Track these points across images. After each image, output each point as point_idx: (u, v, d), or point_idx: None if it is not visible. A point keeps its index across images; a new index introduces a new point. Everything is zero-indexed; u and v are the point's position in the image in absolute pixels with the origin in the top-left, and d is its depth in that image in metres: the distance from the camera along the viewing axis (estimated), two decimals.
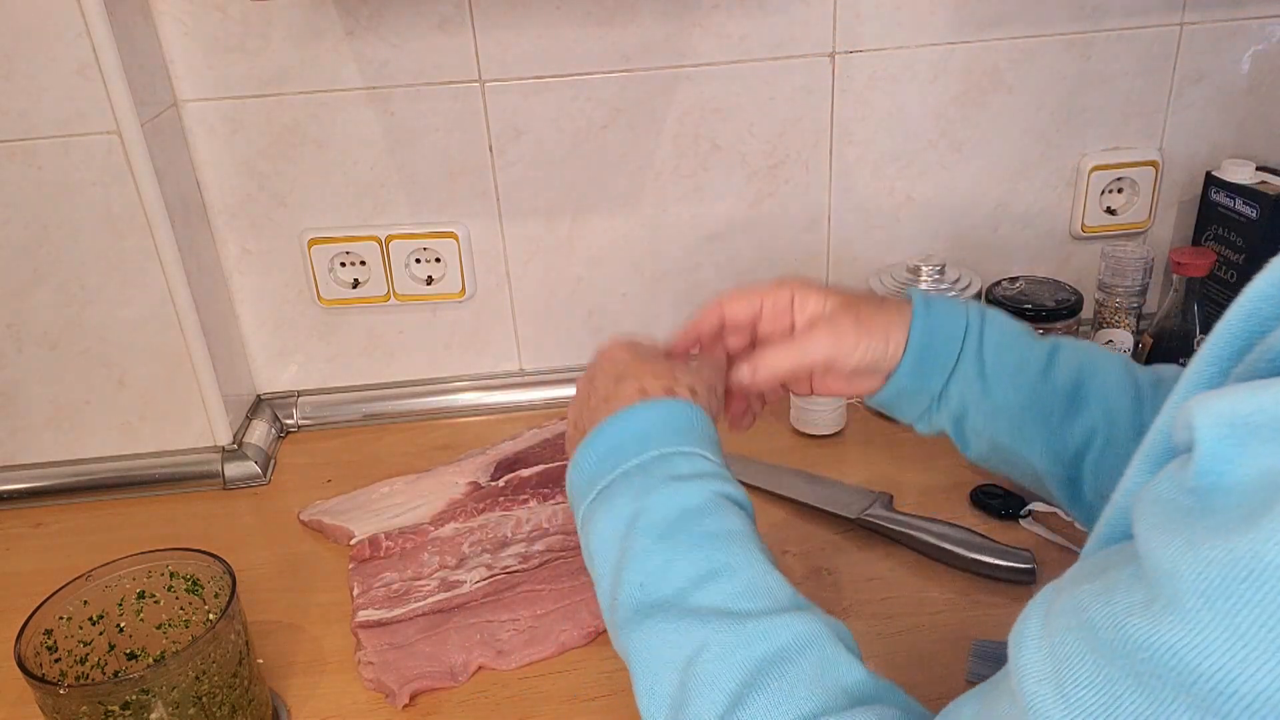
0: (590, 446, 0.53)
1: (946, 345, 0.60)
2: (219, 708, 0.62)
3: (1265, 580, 0.26)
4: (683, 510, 0.48)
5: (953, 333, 0.60)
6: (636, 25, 0.91)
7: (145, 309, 0.89)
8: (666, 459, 0.51)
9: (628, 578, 0.47)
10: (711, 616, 0.44)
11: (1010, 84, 0.96)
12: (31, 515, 0.93)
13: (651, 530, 0.47)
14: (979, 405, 0.61)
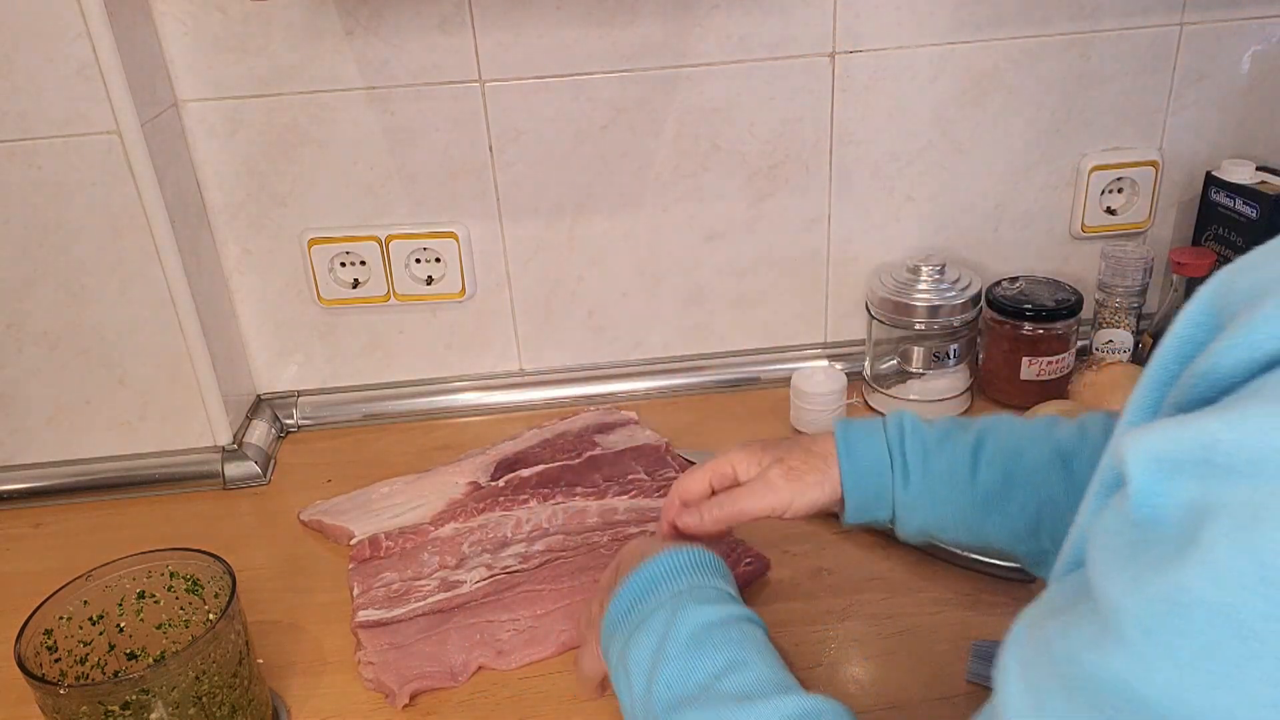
0: (623, 594, 0.58)
1: (877, 481, 0.65)
2: (219, 708, 0.62)
3: (1194, 612, 0.27)
4: (708, 623, 0.54)
5: (878, 466, 0.65)
6: (636, 25, 0.91)
7: (145, 309, 0.89)
8: (692, 590, 0.57)
9: (660, 679, 0.52)
10: (732, 700, 0.49)
11: (1010, 84, 0.96)
12: (31, 515, 0.93)
13: (680, 639, 0.53)
14: (930, 515, 0.65)
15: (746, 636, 0.54)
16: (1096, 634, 0.30)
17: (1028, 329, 0.94)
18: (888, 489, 0.65)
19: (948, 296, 0.93)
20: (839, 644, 0.72)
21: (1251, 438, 0.27)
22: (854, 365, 1.03)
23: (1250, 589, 0.27)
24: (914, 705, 0.66)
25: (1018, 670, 0.34)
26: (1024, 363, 0.95)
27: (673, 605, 0.55)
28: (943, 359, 0.96)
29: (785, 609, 0.75)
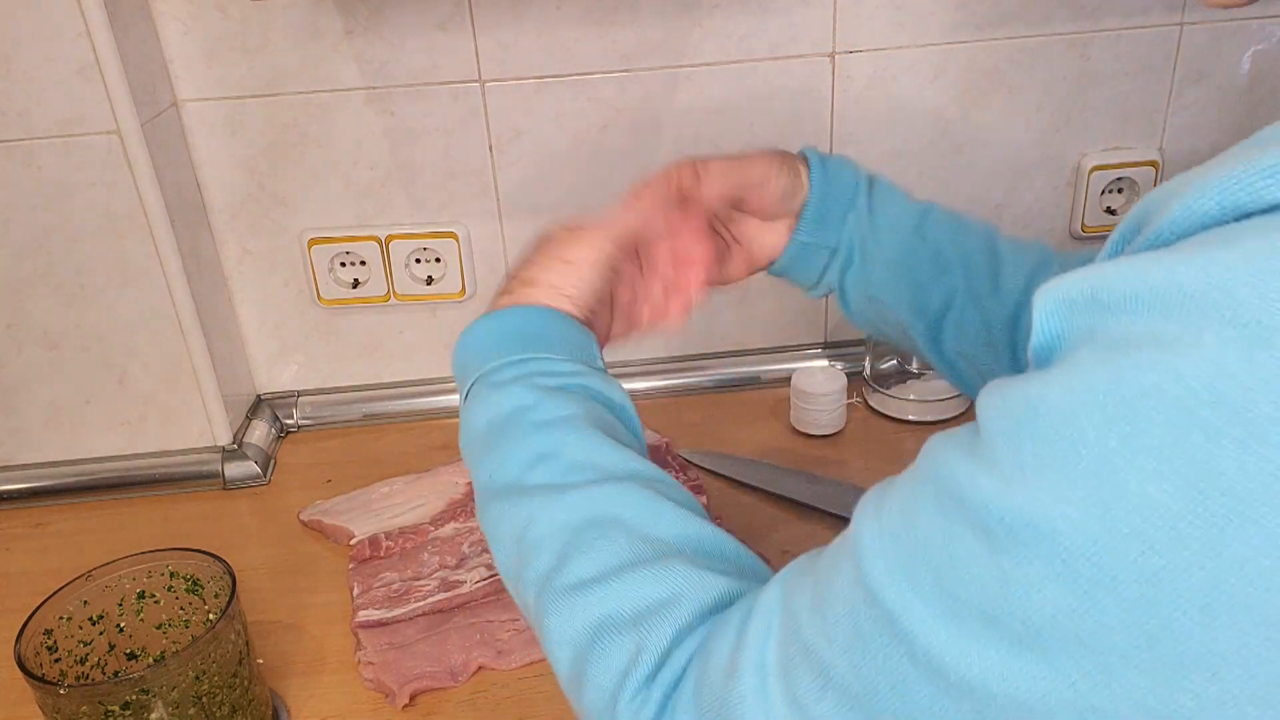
0: (469, 335, 0.62)
1: (844, 190, 0.66)
2: (219, 708, 0.62)
3: (1043, 417, 0.30)
4: (515, 408, 0.54)
5: (848, 180, 0.67)
6: (636, 25, 0.91)
7: (145, 309, 0.89)
8: (519, 363, 0.58)
9: (480, 472, 0.54)
10: (538, 493, 0.49)
11: (1010, 84, 0.96)
12: (31, 515, 0.93)
13: (492, 429, 0.55)
14: (864, 254, 0.66)
15: (559, 416, 0.52)
16: (963, 445, 0.33)
17: None
18: (849, 200, 0.66)
19: None
20: None
21: (1131, 278, 0.29)
22: (854, 365, 1.03)
23: (1093, 401, 0.29)
24: None
25: (904, 482, 0.36)
26: None
27: (495, 383, 0.56)
28: None
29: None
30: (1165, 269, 0.29)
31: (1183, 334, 0.28)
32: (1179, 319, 0.28)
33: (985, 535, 0.31)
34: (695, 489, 0.87)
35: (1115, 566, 0.29)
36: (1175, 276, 0.28)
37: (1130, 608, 0.29)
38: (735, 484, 0.89)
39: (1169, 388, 0.28)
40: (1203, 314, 0.28)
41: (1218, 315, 0.27)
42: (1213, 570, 0.28)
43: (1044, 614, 0.30)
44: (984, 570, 0.31)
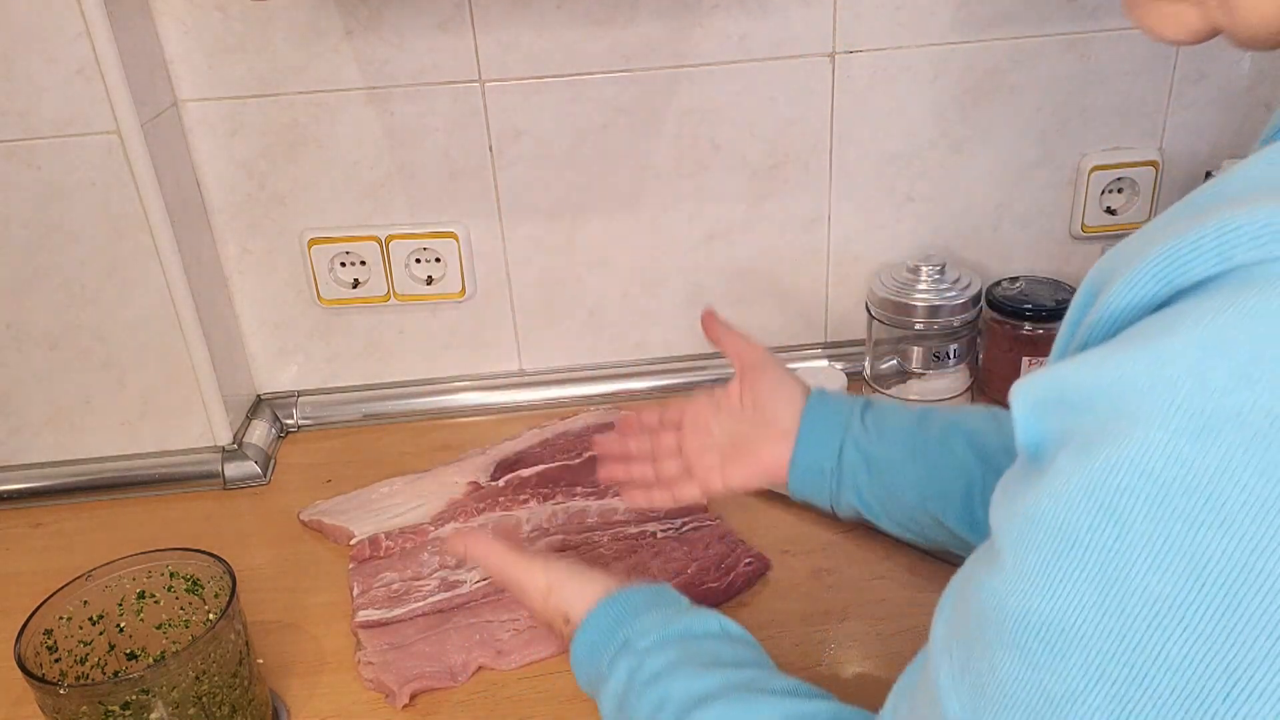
0: (576, 654, 0.60)
1: (838, 410, 0.70)
2: (219, 708, 0.62)
3: (1040, 526, 0.32)
4: (627, 677, 0.55)
5: (839, 406, 0.70)
6: (636, 25, 0.91)
7: (145, 309, 0.89)
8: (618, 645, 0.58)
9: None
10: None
11: (1010, 84, 0.96)
12: (31, 515, 0.93)
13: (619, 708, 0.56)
14: (871, 464, 0.68)
15: (655, 671, 0.54)
16: (987, 560, 0.35)
17: (1028, 329, 0.94)
18: (840, 423, 0.69)
19: (948, 296, 0.93)
20: (839, 644, 0.72)
21: (1089, 377, 0.31)
22: (854, 365, 1.03)
23: (1079, 504, 0.31)
24: None
25: (946, 608, 0.38)
26: (1024, 363, 0.95)
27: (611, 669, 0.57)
28: (943, 359, 0.96)
29: (785, 609, 0.75)
30: (1115, 366, 0.30)
31: (1140, 430, 0.29)
32: (1133, 415, 0.29)
33: (1022, 653, 0.32)
34: None
35: (1141, 664, 0.29)
36: (1125, 373, 0.30)
37: (1163, 703, 0.29)
38: None
39: (1141, 484, 0.29)
40: (1146, 409, 0.29)
41: (1163, 408, 0.29)
42: (1226, 657, 0.28)
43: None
44: (1029, 693, 0.32)
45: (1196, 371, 0.28)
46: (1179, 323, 0.29)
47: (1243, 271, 0.29)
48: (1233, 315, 0.28)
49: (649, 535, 0.82)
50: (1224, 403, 0.28)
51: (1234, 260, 0.29)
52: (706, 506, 0.86)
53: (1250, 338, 0.28)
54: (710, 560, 0.79)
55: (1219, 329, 0.28)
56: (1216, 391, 0.28)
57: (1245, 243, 0.29)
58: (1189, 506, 0.29)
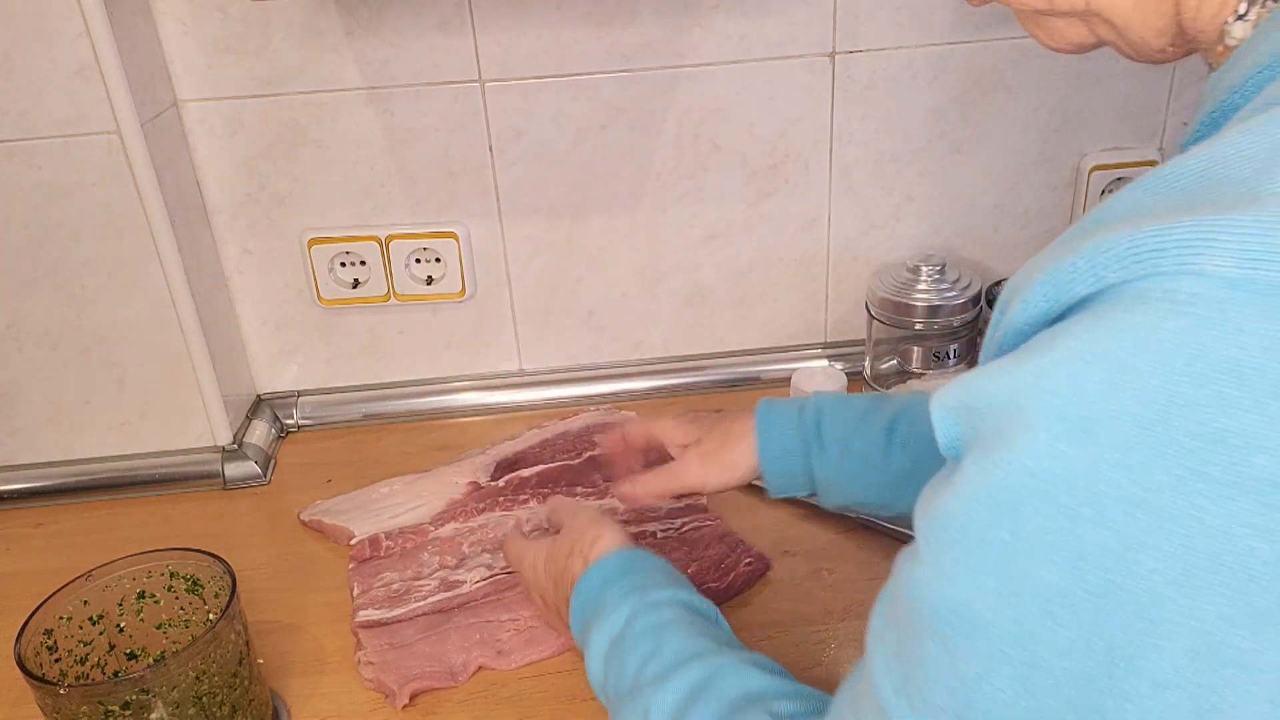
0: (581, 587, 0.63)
1: (793, 463, 0.71)
2: (219, 708, 0.62)
3: (950, 525, 0.35)
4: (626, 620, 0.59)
5: (795, 449, 0.71)
6: (636, 25, 0.91)
7: (145, 309, 0.89)
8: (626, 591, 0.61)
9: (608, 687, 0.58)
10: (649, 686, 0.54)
11: (1010, 84, 0.96)
12: (31, 515, 0.93)
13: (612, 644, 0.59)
14: (847, 493, 0.72)
15: (657, 622, 0.58)
16: (911, 556, 0.38)
17: None
18: (805, 470, 0.71)
19: (948, 296, 0.93)
20: (839, 644, 0.72)
21: (989, 386, 0.34)
22: (854, 365, 1.03)
23: (980, 503, 0.34)
24: None
25: (883, 602, 0.42)
26: None
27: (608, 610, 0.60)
28: (943, 359, 0.96)
29: (785, 609, 0.75)
30: (1009, 376, 0.33)
31: (1027, 434, 0.32)
32: (1022, 422, 0.33)
33: (939, 637, 0.36)
34: None
35: (1035, 647, 0.33)
36: (1015, 383, 0.33)
37: (1057, 684, 0.33)
38: None
39: (1029, 483, 0.32)
40: (1034, 414, 0.32)
41: (1046, 413, 0.32)
42: (1107, 640, 0.31)
43: (998, 703, 0.34)
44: (946, 673, 0.35)
45: (1073, 381, 0.32)
46: (1059, 338, 0.32)
47: (1113, 290, 0.32)
48: (1103, 331, 0.31)
49: (649, 535, 0.82)
50: (1096, 409, 0.31)
51: (1105, 280, 0.32)
52: (706, 507, 0.86)
53: (1117, 350, 0.31)
54: (710, 560, 0.79)
55: (1091, 343, 0.31)
56: (1090, 398, 0.31)
57: (1114, 264, 0.32)
58: (1069, 503, 0.31)
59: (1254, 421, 0.29)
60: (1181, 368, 0.30)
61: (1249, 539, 0.29)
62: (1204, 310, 0.30)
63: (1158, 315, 0.30)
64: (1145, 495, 0.30)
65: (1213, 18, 0.42)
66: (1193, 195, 0.32)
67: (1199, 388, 0.30)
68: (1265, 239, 0.29)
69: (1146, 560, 0.30)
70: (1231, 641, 0.30)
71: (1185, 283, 0.30)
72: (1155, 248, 0.31)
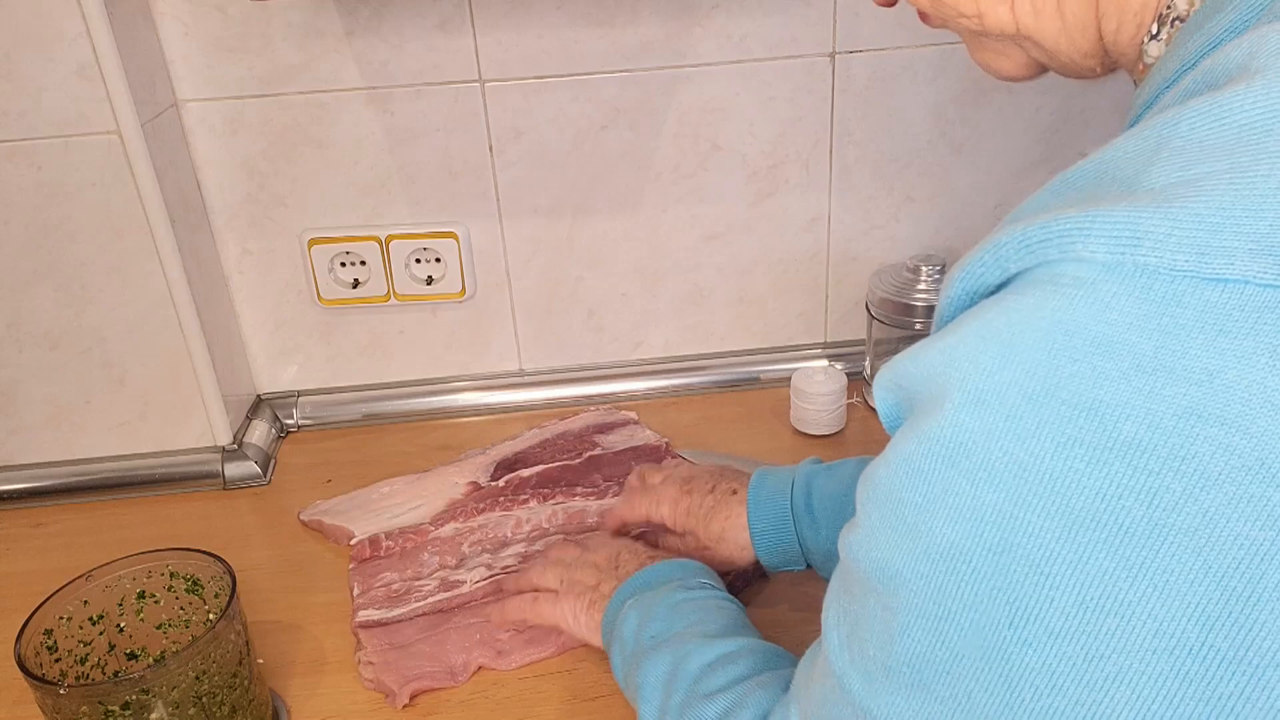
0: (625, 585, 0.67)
1: (786, 544, 0.72)
2: (219, 708, 0.62)
3: (877, 489, 0.39)
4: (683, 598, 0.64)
5: (785, 527, 0.72)
6: (636, 25, 0.91)
7: (145, 309, 0.89)
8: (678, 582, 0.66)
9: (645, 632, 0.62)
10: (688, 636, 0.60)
11: (1010, 84, 0.96)
12: (31, 515, 0.93)
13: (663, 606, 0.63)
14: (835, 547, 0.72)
15: (714, 605, 0.63)
16: (852, 523, 0.41)
17: None
18: (799, 546, 0.72)
19: None
20: None
21: (912, 365, 0.38)
22: (854, 365, 1.03)
23: (900, 469, 0.37)
24: None
25: (835, 572, 0.44)
26: None
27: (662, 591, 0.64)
28: None
29: (785, 609, 0.75)
30: (926, 355, 0.37)
31: (937, 405, 0.36)
32: (933, 394, 0.36)
33: (875, 593, 0.39)
34: None
35: (945, 601, 0.36)
36: (928, 360, 0.37)
37: (966, 634, 0.36)
38: None
39: (937, 449, 0.36)
40: (943, 388, 0.36)
41: (952, 387, 0.35)
42: (1006, 593, 0.34)
43: (917, 653, 0.37)
44: (878, 626, 0.39)
45: (972, 357, 0.35)
46: (966, 320, 0.36)
47: (1015, 278, 0.35)
48: (997, 311, 0.35)
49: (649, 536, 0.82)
50: (989, 381, 0.34)
51: (1008, 270, 0.35)
52: None
53: (1009, 328, 0.34)
54: None
55: (988, 322, 0.35)
56: (984, 372, 0.34)
57: (1013, 255, 0.35)
58: (969, 466, 0.35)
59: (1122, 391, 0.32)
60: (1061, 343, 0.33)
61: (1122, 498, 0.32)
62: (1080, 291, 0.33)
63: (1041, 297, 0.34)
64: (1031, 460, 0.33)
65: (1131, 39, 0.50)
66: (1082, 192, 0.35)
67: (1075, 361, 0.33)
68: (1134, 227, 0.32)
69: (1035, 520, 0.33)
70: (1112, 593, 0.32)
71: (1067, 268, 0.33)
72: (1043, 239, 0.34)
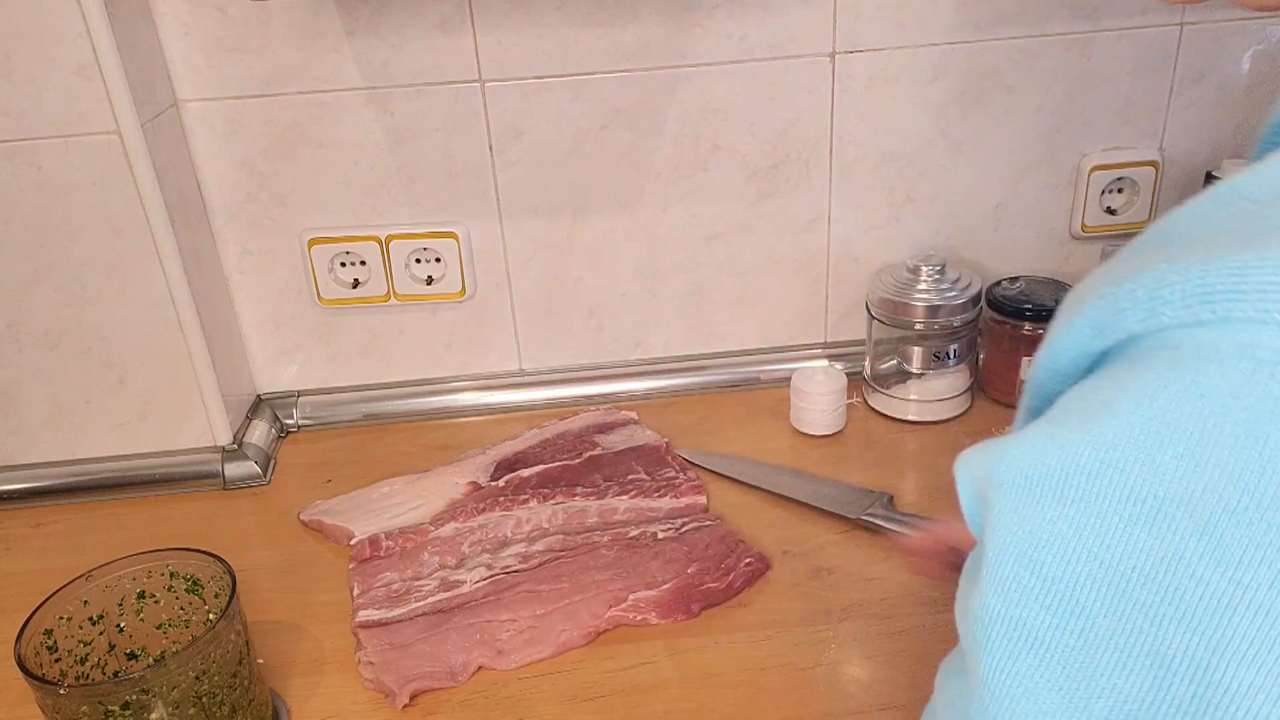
0: None
1: None
2: (219, 708, 0.62)
3: (995, 623, 0.30)
4: None
5: None
6: (636, 25, 0.91)
7: (145, 309, 0.89)
8: None
9: None
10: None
11: (1010, 84, 0.96)
12: (31, 515, 0.93)
13: None
14: None
15: None
16: (960, 664, 0.35)
17: (1028, 329, 0.94)
18: None
19: (948, 296, 0.93)
20: (839, 644, 0.72)
21: (1029, 457, 0.30)
22: (854, 365, 1.03)
23: (1035, 598, 0.29)
24: (913, 706, 0.66)
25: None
26: (1024, 363, 0.95)
27: None
28: (943, 359, 0.96)
29: (785, 609, 0.75)
30: (1058, 449, 0.29)
31: (1092, 518, 0.28)
32: (1082, 502, 0.28)
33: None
34: (695, 489, 0.87)
35: None
36: (1067, 456, 0.28)
37: None
38: (735, 484, 0.89)
39: (1099, 574, 0.28)
40: (1103, 494, 0.28)
41: (1118, 494, 0.27)
42: None
43: None
44: None
45: (1145, 454, 0.27)
46: (1118, 401, 0.28)
47: (1170, 334, 0.27)
48: (1174, 394, 0.27)
49: (649, 535, 0.82)
50: (1175, 489, 0.27)
51: (1162, 320, 0.28)
52: (707, 506, 0.86)
53: (1196, 418, 0.26)
54: (710, 560, 0.79)
55: (1163, 409, 0.27)
56: (1167, 476, 0.27)
57: (1178, 302, 0.27)
58: (1148, 600, 0.27)
59: None
60: (1276, 440, 0.25)
61: None
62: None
63: (1241, 376, 0.26)
64: (1239, 593, 0.25)
65: None
66: (1272, 217, 0.27)
67: None
68: None
69: (1244, 674, 0.26)
70: None
71: (1267, 336, 0.26)
72: (1233, 289, 0.26)
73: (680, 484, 0.88)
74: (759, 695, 0.68)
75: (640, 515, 0.85)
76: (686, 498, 0.86)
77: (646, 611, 0.74)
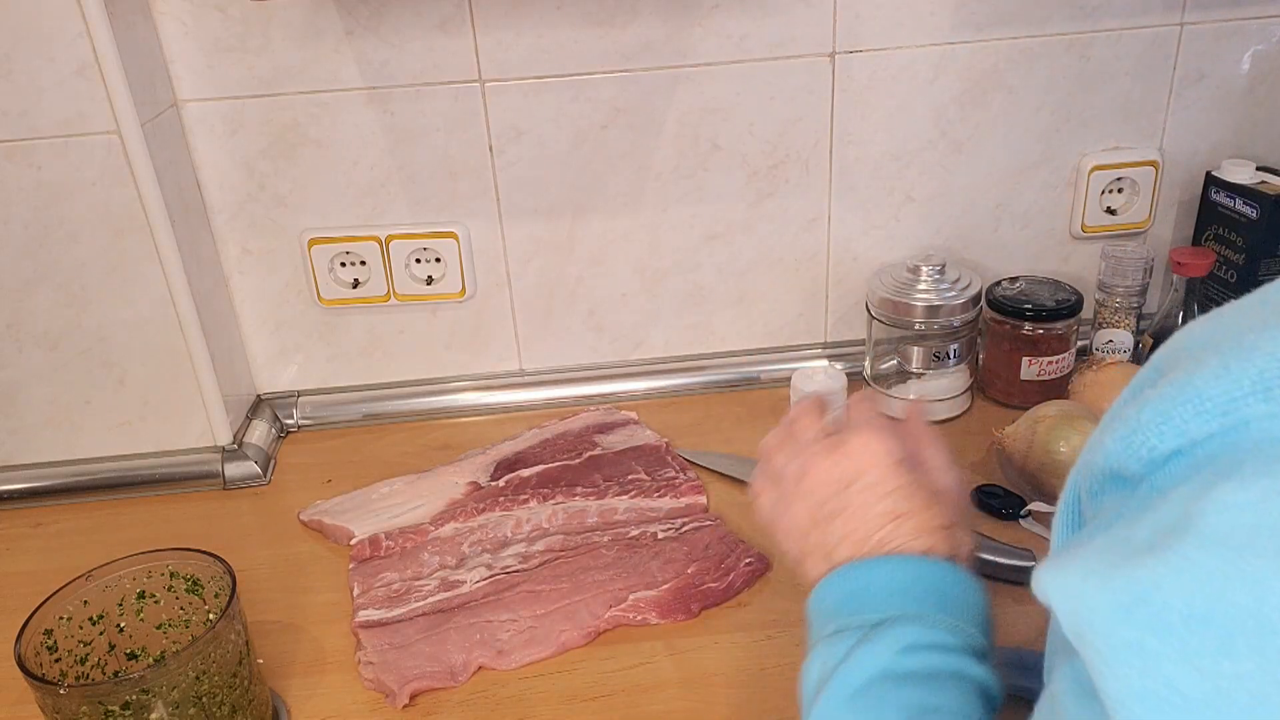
0: (834, 584, 0.51)
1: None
2: (219, 708, 0.62)
3: None
4: (881, 672, 0.45)
5: None
6: (636, 25, 0.91)
7: (145, 309, 0.89)
8: (903, 620, 0.47)
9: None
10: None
11: (1010, 84, 0.96)
12: (31, 515, 0.93)
13: (841, 689, 0.45)
14: None
15: (925, 705, 0.44)
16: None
17: (1028, 329, 0.94)
18: None
19: (948, 296, 0.93)
20: None
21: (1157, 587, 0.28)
22: (854, 365, 1.03)
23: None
24: None
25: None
26: (1024, 363, 0.95)
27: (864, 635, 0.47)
28: (943, 359, 0.96)
29: (785, 609, 0.75)
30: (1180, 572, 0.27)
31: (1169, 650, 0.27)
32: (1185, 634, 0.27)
33: None
34: (695, 489, 0.87)
35: None
36: (1163, 595, 0.28)
37: None
38: (735, 484, 0.89)
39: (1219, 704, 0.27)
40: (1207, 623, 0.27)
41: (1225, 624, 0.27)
42: None
43: None
44: None
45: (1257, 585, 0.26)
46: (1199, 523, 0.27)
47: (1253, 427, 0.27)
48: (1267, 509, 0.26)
49: (649, 535, 0.82)
50: None
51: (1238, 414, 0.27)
52: (707, 506, 0.86)
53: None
54: (710, 560, 0.79)
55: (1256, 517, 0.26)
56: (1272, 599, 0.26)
57: (1246, 395, 0.27)
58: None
59: None
60: None
61: None
62: None
63: None
64: None
65: None
66: None
67: None
68: None
69: None
70: None
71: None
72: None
73: (680, 484, 0.88)
74: (759, 695, 0.68)
75: (640, 515, 0.85)
76: (686, 498, 0.86)
77: (646, 611, 0.74)
